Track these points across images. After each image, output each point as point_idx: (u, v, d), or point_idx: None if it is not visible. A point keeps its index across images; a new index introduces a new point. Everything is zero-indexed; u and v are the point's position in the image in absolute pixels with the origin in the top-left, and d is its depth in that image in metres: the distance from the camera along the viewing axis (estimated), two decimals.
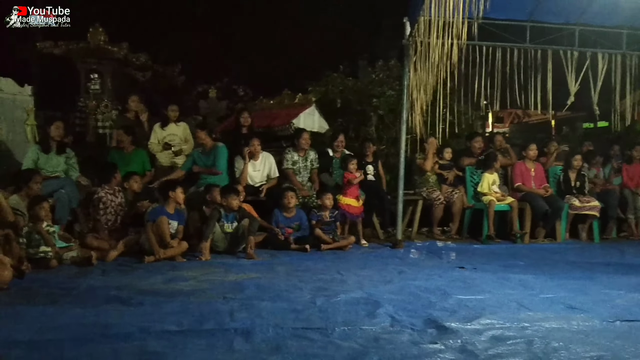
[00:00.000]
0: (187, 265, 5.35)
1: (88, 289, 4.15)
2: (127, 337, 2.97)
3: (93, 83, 8.92)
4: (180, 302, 3.75)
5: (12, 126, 8.16)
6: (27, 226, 5.18)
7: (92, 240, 5.82)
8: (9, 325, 3.15)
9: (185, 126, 7.68)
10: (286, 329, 3.13)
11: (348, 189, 6.90)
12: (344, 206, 6.83)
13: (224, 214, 5.98)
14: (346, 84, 9.04)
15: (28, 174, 5.68)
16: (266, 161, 7.17)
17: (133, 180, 6.34)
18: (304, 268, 5.23)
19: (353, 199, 6.89)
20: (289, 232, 6.43)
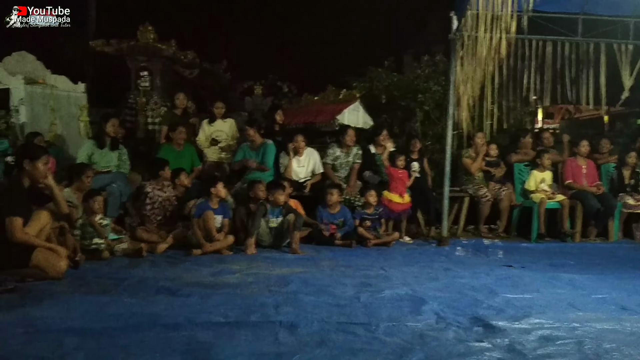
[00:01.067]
0: (233, 259, 5.44)
1: (139, 280, 4.27)
2: (176, 326, 3.04)
3: (143, 80, 9.15)
4: (227, 295, 3.81)
5: (66, 122, 8.50)
6: (80, 218, 5.37)
7: (142, 233, 6.00)
8: (64, 313, 3.28)
9: (231, 122, 7.80)
10: (331, 324, 3.14)
11: (393, 184, 6.85)
12: (387, 202, 6.80)
13: (269, 209, 6.04)
14: (391, 79, 8.96)
15: (80, 168, 5.88)
16: (311, 157, 7.21)
17: (183, 175, 6.50)
18: (348, 264, 5.23)
19: (397, 195, 6.84)
20: (333, 228, 6.45)
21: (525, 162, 7.81)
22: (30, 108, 8.12)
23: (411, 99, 8.62)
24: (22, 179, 4.08)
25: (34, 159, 4.07)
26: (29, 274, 4.05)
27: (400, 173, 6.92)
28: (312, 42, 16.21)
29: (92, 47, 9.61)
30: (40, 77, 8.53)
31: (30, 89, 8.17)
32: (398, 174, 6.90)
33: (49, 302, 3.52)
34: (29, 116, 8.09)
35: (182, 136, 7.07)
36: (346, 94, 8.56)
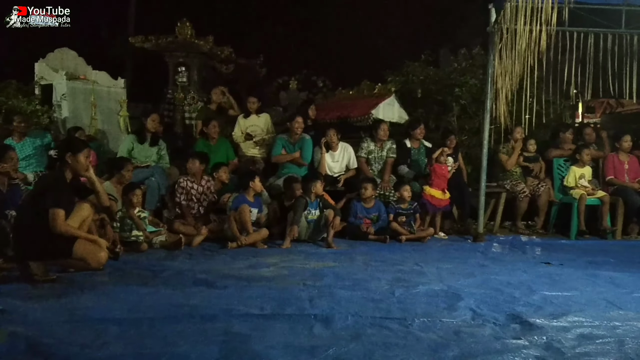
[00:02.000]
0: (268, 252, 5.50)
1: (176, 272, 4.36)
2: (212, 318, 3.09)
3: (180, 76, 9.28)
4: (262, 287, 3.86)
5: (107, 117, 8.68)
6: (120, 211, 5.50)
7: (179, 225, 6.10)
8: (105, 304, 3.38)
9: (266, 117, 7.84)
10: (365, 318, 3.14)
11: (435, 180, 6.80)
12: (428, 197, 6.75)
13: (309, 202, 6.07)
14: (427, 73, 8.87)
15: (121, 162, 6.03)
16: (345, 152, 7.21)
17: (222, 170, 6.58)
18: (382, 259, 5.22)
19: (439, 191, 6.78)
20: (367, 223, 6.44)
21: (564, 157, 7.64)
22: (72, 103, 8.32)
23: (447, 93, 8.51)
24: (65, 172, 4.20)
25: (76, 153, 4.18)
26: (71, 264, 4.17)
27: (443, 168, 6.87)
28: (347, 37, 16.16)
29: (131, 43, 9.79)
30: (82, 73, 8.74)
31: (72, 84, 8.37)
32: (441, 169, 6.84)
33: (90, 292, 3.63)
34: (70, 111, 8.29)
35: (215, 130, 7.15)
36: (381, 88, 8.50)
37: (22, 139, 6.54)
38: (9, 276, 4.08)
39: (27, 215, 4.13)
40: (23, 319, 3.01)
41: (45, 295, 3.54)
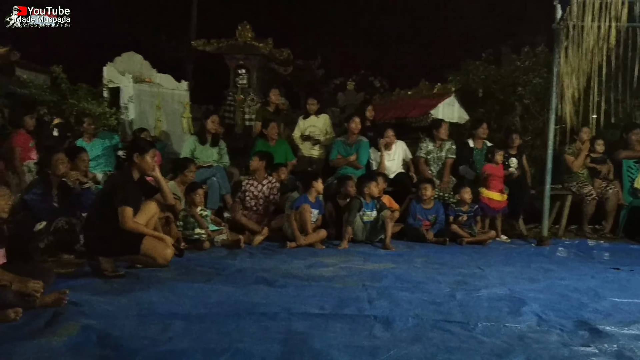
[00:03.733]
0: (326, 253, 5.53)
1: (238, 270, 4.45)
2: (273, 316, 3.13)
3: (241, 78, 9.48)
4: (322, 287, 3.88)
5: (171, 118, 8.97)
6: (183, 210, 5.66)
7: (241, 217, 6.23)
8: (171, 299, 3.48)
9: (325, 118, 7.87)
10: (426, 320, 3.10)
11: (491, 182, 6.65)
12: (485, 200, 6.61)
13: (364, 203, 6.07)
14: (488, 72, 8.68)
15: (184, 163, 6.19)
16: (398, 148, 7.17)
17: (281, 170, 6.68)
18: (442, 261, 5.15)
19: (496, 193, 6.63)
20: (426, 224, 6.37)
21: (635, 159, 7.30)
22: (138, 105, 8.65)
23: (510, 93, 8.31)
24: (132, 172, 4.36)
25: (142, 153, 4.34)
26: (139, 260, 4.33)
27: (498, 169, 6.71)
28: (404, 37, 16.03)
29: (194, 46, 10.06)
30: (147, 76, 9.07)
31: (138, 87, 8.70)
32: (496, 170, 6.69)
33: (157, 288, 3.75)
34: (137, 113, 8.62)
35: (275, 132, 7.24)
36: (441, 88, 8.39)
37: (92, 140, 6.83)
38: (80, 272, 4.27)
39: (97, 213, 4.31)
40: (94, 312, 3.14)
41: (114, 290, 3.69)
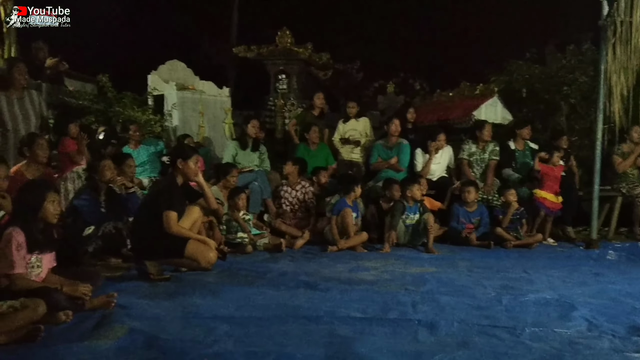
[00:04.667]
0: (367, 256, 5.50)
1: (280, 274, 4.47)
2: (316, 319, 3.13)
3: (281, 83, 9.55)
4: (364, 291, 3.86)
5: (213, 124, 9.11)
6: (226, 214, 5.73)
7: (281, 224, 6.27)
8: (215, 302, 3.52)
9: (365, 121, 7.84)
10: (472, 325, 3.05)
11: (546, 182, 6.49)
12: (540, 199, 6.46)
13: (407, 206, 6.01)
14: (532, 71, 8.49)
15: (226, 168, 6.27)
16: (444, 153, 7.08)
17: (321, 174, 6.69)
18: (487, 265, 5.05)
19: (551, 194, 6.47)
20: (469, 227, 6.27)
21: None
22: (182, 112, 8.81)
23: (555, 92, 8.10)
24: (176, 177, 4.45)
25: (186, 159, 4.41)
26: (183, 263, 4.40)
27: (555, 170, 6.55)
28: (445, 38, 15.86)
29: (235, 53, 10.19)
30: (190, 83, 9.24)
31: (182, 94, 8.86)
32: (553, 171, 6.53)
33: (201, 291, 3.80)
34: (180, 120, 8.78)
35: (316, 136, 7.26)
36: (483, 89, 8.26)
37: (138, 146, 6.98)
38: (127, 275, 4.36)
39: (143, 217, 4.41)
40: (140, 315, 3.20)
41: (160, 293, 3.76)
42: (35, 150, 4.71)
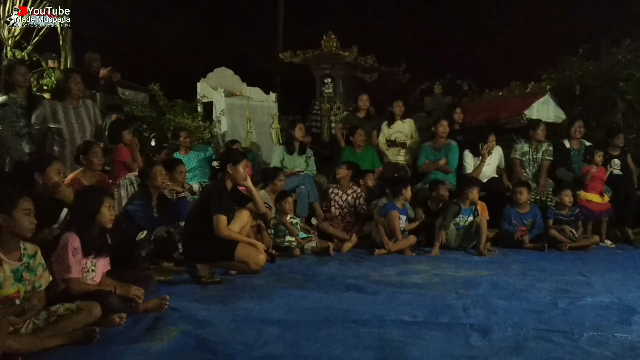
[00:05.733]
0: (416, 259, 5.43)
1: (328, 277, 4.46)
2: (365, 323, 3.11)
3: (327, 87, 9.56)
4: (414, 294, 3.80)
5: (260, 130, 9.21)
6: (274, 218, 5.77)
7: (328, 227, 6.26)
8: (264, 305, 3.55)
9: (410, 122, 7.76)
10: (526, 330, 2.96)
11: (590, 183, 6.27)
12: (584, 202, 6.25)
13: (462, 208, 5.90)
14: (586, 68, 8.20)
15: (273, 172, 6.33)
16: (495, 153, 6.90)
17: (368, 177, 6.66)
18: (541, 268, 4.90)
19: (596, 195, 6.24)
20: (522, 230, 6.10)
21: None
22: (230, 118, 8.95)
23: (610, 89, 7.80)
24: (226, 182, 4.51)
25: (235, 164, 4.47)
26: (233, 266, 4.45)
27: (599, 170, 6.31)
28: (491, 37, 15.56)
29: (281, 58, 10.28)
30: (238, 90, 9.38)
31: (230, 101, 9.01)
32: (596, 171, 6.29)
33: (251, 294, 3.84)
34: (228, 125, 8.93)
35: (361, 138, 7.23)
36: (534, 87, 8.03)
37: (188, 152, 7.13)
38: (179, 278, 4.44)
39: (194, 221, 4.48)
40: (192, 318, 3.25)
41: (211, 296, 3.81)
42: (91, 158, 4.85)
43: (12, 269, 2.86)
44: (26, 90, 5.50)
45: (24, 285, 2.90)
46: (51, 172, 3.97)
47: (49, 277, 3.07)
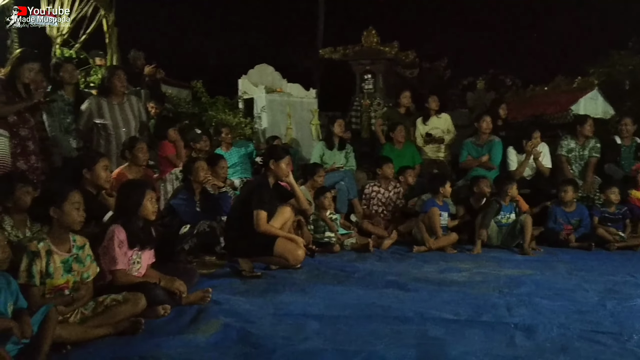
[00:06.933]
0: (457, 257, 5.35)
1: (368, 273, 4.44)
2: (406, 320, 3.09)
3: (367, 83, 9.50)
4: (455, 292, 3.75)
5: (300, 126, 9.24)
6: (314, 214, 5.78)
7: (368, 225, 6.22)
8: (305, 300, 3.56)
9: (446, 117, 7.63)
10: (573, 330, 2.89)
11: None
12: (634, 201, 6.03)
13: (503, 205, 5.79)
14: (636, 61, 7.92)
15: (313, 168, 6.33)
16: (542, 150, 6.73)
17: (408, 173, 6.59)
18: (588, 267, 4.76)
19: None
20: (567, 229, 5.94)
21: None
22: (270, 114, 9.01)
23: None
24: (268, 178, 4.55)
25: (278, 159, 4.51)
26: (273, 261, 4.49)
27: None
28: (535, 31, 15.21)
29: (321, 55, 10.28)
30: (278, 86, 9.43)
31: (270, 97, 9.07)
32: None
33: (291, 289, 3.86)
34: (269, 122, 8.99)
35: (401, 135, 7.16)
36: (581, 82, 7.82)
37: (229, 148, 7.20)
38: (220, 272, 4.49)
39: (236, 216, 4.54)
40: (233, 311, 3.29)
41: (252, 290, 3.85)
42: (136, 154, 4.96)
43: (62, 260, 2.95)
44: (74, 87, 5.69)
45: (73, 276, 2.99)
46: (99, 169, 4.08)
47: (96, 269, 3.16)
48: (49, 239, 2.94)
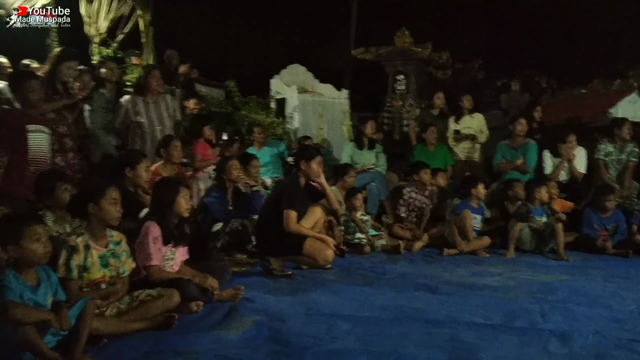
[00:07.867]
0: (490, 261, 5.28)
1: (398, 275, 4.43)
2: (437, 323, 3.06)
3: (399, 84, 9.46)
4: (488, 297, 3.71)
5: (331, 126, 9.25)
6: (344, 215, 5.78)
7: (398, 230, 6.18)
8: (335, 300, 3.57)
9: (479, 117, 7.52)
10: (609, 338, 2.82)
11: None
12: None
13: (533, 209, 5.70)
14: None
15: (344, 168, 6.32)
16: (577, 155, 6.59)
17: (439, 176, 6.49)
18: (625, 275, 4.64)
19: None
20: (603, 235, 5.80)
21: None
22: (302, 115, 9.04)
23: None
24: (299, 178, 4.57)
25: (309, 160, 4.52)
26: (303, 261, 4.51)
27: None
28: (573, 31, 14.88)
29: (353, 55, 10.27)
30: (310, 87, 9.45)
31: (302, 97, 9.10)
32: None
33: (321, 289, 3.87)
34: (301, 122, 9.02)
35: (433, 136, 7.10)
36: (621, 84, 7.63)
37: (261, 148, 7.26)
38: (252, 270, 4.54)
39: (267, 216, 4.58)
40: (264, 309, 3.32)
41: (282, 289, 3.88)
42: (171, 152, 5.04)
43: (99, 255, 3.03)
44: (114, 85, 5.80)
45: (109, 270, 3.06)
46: (141, 169, 4.17)
47: (132, 264, 3.23)
48: (87, 234, 3.02)
